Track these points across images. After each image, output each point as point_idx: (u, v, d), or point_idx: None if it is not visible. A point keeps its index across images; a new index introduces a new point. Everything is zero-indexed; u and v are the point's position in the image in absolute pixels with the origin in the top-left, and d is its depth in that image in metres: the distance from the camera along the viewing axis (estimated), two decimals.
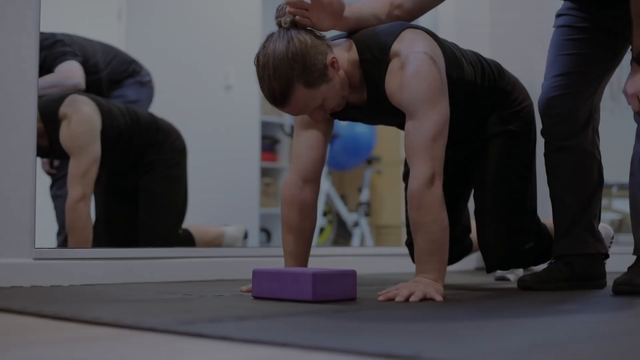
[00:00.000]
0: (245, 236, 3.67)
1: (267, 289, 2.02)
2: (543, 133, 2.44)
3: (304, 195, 2.29)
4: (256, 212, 4.88)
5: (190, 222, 3.60)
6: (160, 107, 3.89)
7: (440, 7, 3.82)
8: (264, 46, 2.08)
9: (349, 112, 2.29)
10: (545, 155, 2.45)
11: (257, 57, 2.08)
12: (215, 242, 3.57)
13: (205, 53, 4.89)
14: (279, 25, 2.12)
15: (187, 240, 3.45)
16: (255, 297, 2.04)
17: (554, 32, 2.47)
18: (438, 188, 2.02)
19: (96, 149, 3.10)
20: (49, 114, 3.08)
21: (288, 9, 2.09)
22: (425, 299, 1.93)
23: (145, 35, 5.02)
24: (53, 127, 3.11)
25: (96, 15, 5.01)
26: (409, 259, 2.51)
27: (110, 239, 3.48)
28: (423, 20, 3.89)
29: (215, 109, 4.86)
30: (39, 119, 3.01)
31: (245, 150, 4.89)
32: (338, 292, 1.98)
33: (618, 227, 5.57)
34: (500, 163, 2.42)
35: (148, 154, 3.38)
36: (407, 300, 1.92)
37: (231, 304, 1.87)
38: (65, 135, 3.08)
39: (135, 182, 3.43)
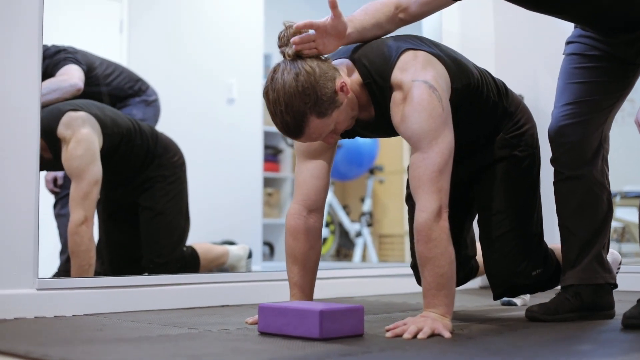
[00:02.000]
0: (250, 255, 3.65)
1: (273, 324, 2.00)
2: (552, 162, 2.42)
3: (308, 225, 2.27)
4: (259, 222, 4.86)
5: (194, 232, 3.59)
6: (162, 119, 3.88)
7: (444, 23, 3.84)
8: (271, 79, 2.06)
9: (358, 129, 2.28)
10: (554, 184, 2.42)
11: (266, 91, 2.06)
12: (220, 260, 3.55)
13: (208, 66, 4.87)
14: (283, 55, 2.10)
15: (191, 257, 3.43)
16: (262, 333, 2.02)
17: (564, 59, 2.44)
18: (445, 221, 2.01)
19: (96, 170, 3.08)
20: (49, 133, 3.06)
21: (294, 47, 2.07)
22: (433, 335, 1.91)
23: (147, 48, 5.00)
24: (53, 144, 3.09)
25: (98, 27, 4.99)
26: (413, 279, 2.49)
27: (113, 260, 3.46)
28: (427, 37, 3.88)
29: (218, 122, 4.84)
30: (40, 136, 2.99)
31: (247, 161, 4.87)
32: (345, 329, 1.95)
33: (620, 235, 5.56)
34: (505, 189, 2.40)
35: (148, 170, 3.36)
36: (415, 336, 1.90)
37: (237, 345, 1.85)
38: (65, 158, 3.06)
39: (135, 200, 3.41)
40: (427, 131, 2.02)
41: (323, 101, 2.02)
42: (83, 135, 3.08)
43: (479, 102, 2.28)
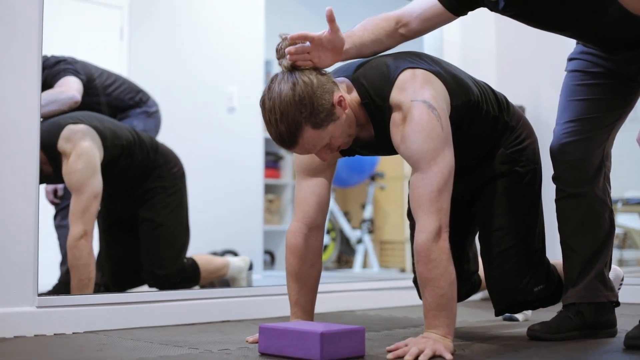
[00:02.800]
0: (251, 267, 3.64)
1: (274, 345, 2.00)
2: (554, 179, 2.41)
3: (309, 243, 2.27)
4: (260, 230, 4.86)
5: (195, 240, 3.58)
6: (163, 127, 3.87)
7: (445, 35, 3.83)
8: (268, 88, 2.05)
9: (357, 148, 2.27)
10: (556, 201, 2.42)
11: (263, 100, 2.05)
12: (220, 272, 3.54)
13: (208, 74, 4.87)
14: (281, 67, 2.09)
15: (192, 269, 3.41)
16: (262, 354, 2.01)
17: (566, 76, 2.43)
18: (445, 241, 2.00)
19: (96, 184, 3.07)
20: (49, 146, 3.05)
21: (289, 57, 2.06)
22: (434, 357, 1.90)
23: (148, 55, 5.00)
24: (54, 158, 3.08)
25: (98, 33, 4.98)
26: (414, 291, 2.48)
27: (113, 271, 3.45)
28: (428, 48, 3.87)
29: (218, 130, 4.84)
30: (40, 149, 2.98)
31: (248, 169, 4.87)
32: (346, 350, 1.95)
33: (622, 241, 5.55)
34: (506, 205, 2.38)
35: (148, 181, 3.35)
36: (416, 358, 1.90)
37: None
38: (65, 172, 3.05)
39: (135, 212, 3.40)
40: (426, 151, 2.01)
41: (319, 112, 2.00)
42: (83, 149, 3.07)
43: (479, 118, 2.27)
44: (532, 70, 3.89)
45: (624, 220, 5.48)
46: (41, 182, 3.06)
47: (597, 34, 2.24)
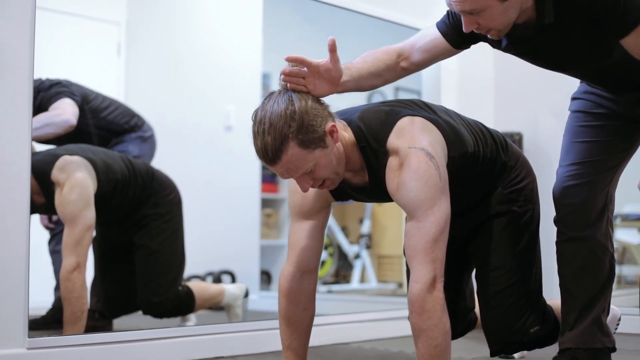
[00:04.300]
0: (246, 295, 3.62)
1: None
2: (556, 222, 2.39)
3: (302, 287, 2.24)
4: (256, 250, 4.84)
5: (192, 260, 3.56)
6: (159, 144, 3.86)
7: (443, 62, 3.78)
8: (263, 103, 2.02)
9: (352, 194, 2.24)
10: (556, 243, 2.39)
11: (255, 112, 2.01)
12: (215, 299, 3.52)
13: (205, 93, 4.85)
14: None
15: (186, 296, 3.40)
16: None
17: (569, 116, 2.40)
18: (439, 291, 1.97)
19: (89, 215, 3.05)
20: (43, 176, 3.04)
21: (283, 77, 2.03)
22: None
23: (145, 71, 4.98)
24: (47, 188, 3.06)
25: (96, 49, 4.96)
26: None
27: (108, 297, 3.44)
28: (426, 74, 3.85)
29: (215, 149, 4.82)
30: (32, 176, 2.96)
31: (245, 188, 4.85)
32: None
33: (621, 257, 5.53)
34: (503, 244, 2.35)
35: (143, 208, 3.33)
36: None
37: None
38: (58, 202, 3.03)
39: (131, 238, 3.38)
40: (423, 200, 1.99)
41: (308, 131, 1.96)
42: (77, 180, 3.05)
43: (475, 167, 2.25)
44: (530, 97, 3.87)
45: (622, 235, 5.47)
46: (33, 212, 3.06)
47: (601, 75, 2.23)
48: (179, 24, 5.05)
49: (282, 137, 1.95)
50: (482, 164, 2.27)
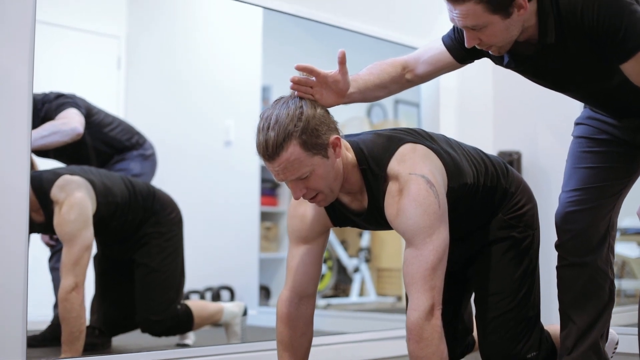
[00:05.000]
0: (245, 313, 3.62)
1: None
2: (557, 247, 2.39)
3: (300, 312, 2.25)
4: (255, 264, 4.84)
5: (191, 275, 3.56)
6: (159, 160, 3.86)
7: (442, 80, 3.81)
8: (273, 104, 2.05)
9: (350, 219, 2.24)
10: (557, 268, 2.40)
11: (263, 111, 2.04)
12: (214, 318, 3.52)
13: (205, 107, 4.86)
14: None
15: (185, 315, 3.40)
16: None
17: (572, 142, 2.41)
18: (437, 319, 1.98)
19: (87, 235, 3.05)
20: (43, 194, 3.04)
21: (291, 85, 2.04)
22: None
23: (145, 84, 4.99)
24: (46, 206, 3.06)
25: (96, 63, 4.97)
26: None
27: (107, 315, 3.44)
28: (425, 92, 3.86)
29: (215, 164, 4.83)
30: (33, 194, 2.97)
31: (244, 203, 4.86)
32: None
33: (620, 271, 5.53)
34: (502, 270, 2.36)
35: (144, 227, 3.33)
36: None
37: None
38: (57, 222, 3.03)
39: (131, 256, 3.38)
40: (422, 227, 2.00)
41: (312, 135, 1.98)
42: (76, 199, 3.05)
43: (475, 197, 2.26)
44: (529, 116, 3.87)
45: (622, 249, 5.46)
46: (32, 231, 3.06)
47: (601, 98, 2.24)
48: (179, 38, 5.06)
49: (286, 134, 1.95)
50: (482, 194, 2.28)
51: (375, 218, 2.18)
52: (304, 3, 3.34)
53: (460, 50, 2.23)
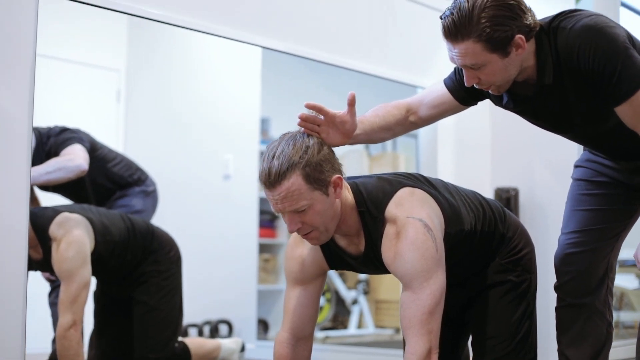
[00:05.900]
0: (242, 349, 3.61)
1: None
2: (556, 288, 2.41)
3: (296, 354, 2.25)
4: (254, 297, 4.84)
5: (190, 307, 3.55)
6: (158, 190, 3.87)
7: None
8: (281, 136, 2.07)
9: (346, 262, 2.25)
10: (556, 309, 2.41)
11: (272, 142, 2.06)
12: (212, 355, 3.52)
13: (204, 141, 4.88)
14: None
15: (183, 352, 3.39)
16: None
17: (571, 184, 2.43)
18: None
19: (85, 273, 3.05)
20: (41, 230, 3.05)
21: (299, 122, 2.06)
22: None
23: (144, 118, 5.01)
24: (44, 243, 3.07)
25: (95, 96, 5.00)
26: None
27: (105, 352, 3.43)
28: (423, 128, 3.86)
29: (214, 198, 4.84)
30: (31, 230, 2.98)
31: (242, 235, 4.87)
32: None
33: (618, 302, 5.52)
34: (500, 313, 2.36)
35: (143, 265, 3.34)
36: None
37: None
38: (55, 259, 3.04)
39: (129, 294, 3.38)
40: (419, 271, 2.01)
41: (316, 170, 1.99)
42: (75, 237, 3.05)
43: (472, 242, 2.27)
44: (526, 153, 3.88)
45: (620, 281, 5.45)
46: (31, 269, 3.06)
47: (597, 139, 2.26)
48: (178, 72, 5.09)
49: (290, 164, 1.97)
50: (480, 239, 2.28)
51: (372, 261, 2.18)
52: (301, 42, 3.36)
53: (462, 92, 2.25)
